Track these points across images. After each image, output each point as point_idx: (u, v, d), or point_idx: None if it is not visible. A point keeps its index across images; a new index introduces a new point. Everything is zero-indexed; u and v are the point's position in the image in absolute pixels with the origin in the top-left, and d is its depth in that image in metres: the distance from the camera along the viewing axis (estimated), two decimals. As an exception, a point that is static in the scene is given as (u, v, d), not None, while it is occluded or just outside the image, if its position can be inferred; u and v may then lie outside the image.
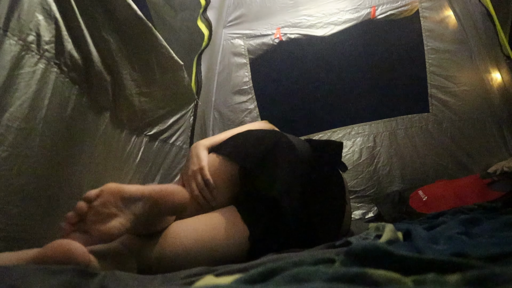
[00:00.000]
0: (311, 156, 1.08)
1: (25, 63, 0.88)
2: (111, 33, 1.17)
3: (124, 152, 1.41)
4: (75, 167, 1.11)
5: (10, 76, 0.84)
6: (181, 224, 0.92)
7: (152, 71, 1.43)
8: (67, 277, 0.54)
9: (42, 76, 0.93)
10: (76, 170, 1.11)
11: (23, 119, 0.88)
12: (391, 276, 0.39)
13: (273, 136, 1.06)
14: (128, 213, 0.72)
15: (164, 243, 0.86)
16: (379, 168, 2.43)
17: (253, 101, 2.60)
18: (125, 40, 1.23)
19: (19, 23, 0.85)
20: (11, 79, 0.84)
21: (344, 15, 2.47)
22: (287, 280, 0.42)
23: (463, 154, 2.33)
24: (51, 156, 0.99)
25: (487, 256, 0.50)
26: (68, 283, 0.52)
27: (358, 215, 2.36)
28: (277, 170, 0.99)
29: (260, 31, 2.58)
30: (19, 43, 0.85)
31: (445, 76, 2.35)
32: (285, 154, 1.02)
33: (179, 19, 1.93)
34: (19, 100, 0.86)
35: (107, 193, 0.71)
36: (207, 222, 0.94)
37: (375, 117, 2.51)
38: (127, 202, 0.73)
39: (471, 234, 0.88)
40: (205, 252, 0.89)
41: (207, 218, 0.96)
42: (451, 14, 2.28)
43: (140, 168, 1.53)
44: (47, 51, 0.94)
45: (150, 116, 1.52)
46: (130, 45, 1.26)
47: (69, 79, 1.03)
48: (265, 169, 1.00)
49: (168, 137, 1.73)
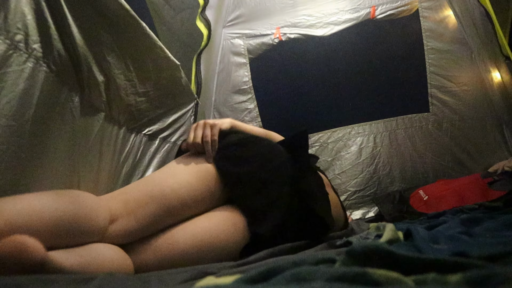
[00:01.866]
0: (287, 160, 1.08)
1: (13, 62, 0.87)
2: (103, 32, 1.16)
3: (123, 151, 1.41)
4: (67, 166, 1.10)
5: (-3, 75, 0.84)
6: (180, 229, 0.91)
7: (147, 70, 1.42)
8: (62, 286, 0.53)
9: (30, 75, 0.92)
10: (68, 170, 1.11)
11: (10, 117, 0.88)
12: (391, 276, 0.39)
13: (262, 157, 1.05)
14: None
15: (162, 249, 0.87)
16: (379, 168, 2.43)
17: (253, 100, 2.61)
18: (118, 39, 1.23)
19: (6, 22, 0.85)
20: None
21: (343, 15, 2.47)
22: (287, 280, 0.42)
23: (463, 154, 2.34)
24: (41, 154, 0.99)
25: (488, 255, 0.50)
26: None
27: (358, 215, 2.37)
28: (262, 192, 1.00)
29: (259, 31, 2.59)
30: (6, 42, 0.85)
31: (445, 76, 2.35)
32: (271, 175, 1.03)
33: (179, 19, 1.93)
34: (6, 97, 0.86)
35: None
36: (205, 225, 0.93)
37: (375, 117, 2.52)
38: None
39: (471, 233, 0.87)
40: (203, 255, 0.89)
41: (206, 221, 0.95)
42: (451, 13, 2.28)
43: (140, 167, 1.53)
44: (36, 50, 0.94)
45: (147, 115, 1.51)
46: (124, 45, 1.26)
47: (58, 78, 1.03)
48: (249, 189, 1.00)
49: (168, 136, 1.73)
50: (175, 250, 0.88)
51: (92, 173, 1.24)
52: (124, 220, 0.83)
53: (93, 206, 0.78)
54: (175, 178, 0.95)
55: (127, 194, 0.88)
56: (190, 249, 0.88)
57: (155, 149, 1.63)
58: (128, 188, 0.93)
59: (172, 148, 1.76)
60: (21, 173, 0.93)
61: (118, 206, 0.84)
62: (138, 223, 0.85)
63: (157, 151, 1.65)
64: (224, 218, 0.96)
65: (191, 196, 0.94)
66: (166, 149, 1.71)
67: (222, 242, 0.92)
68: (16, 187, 0.91)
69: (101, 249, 0.77)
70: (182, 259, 0.87)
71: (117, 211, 0.83)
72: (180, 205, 0.92)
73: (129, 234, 0.85)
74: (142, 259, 0.85)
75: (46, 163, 1.02)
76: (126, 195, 0.88)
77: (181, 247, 0.88)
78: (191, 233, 0.91)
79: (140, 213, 0.85)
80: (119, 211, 0.83)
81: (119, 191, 0.91)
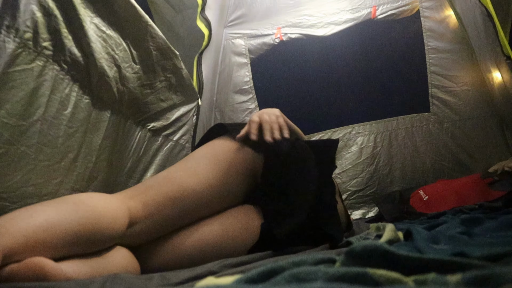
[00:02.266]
0: (316, 166, 1.06)
1: (22, 61, 0.87)
2: (112, 27, 1.16)
3: (128, 145, 1.42)
4: (77, 163, 1.11)
5: (6, 73, 0.83)
6: (188, 233, 0.90)
7: (151, 62, 1.43)
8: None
9: (40, 73, 0.92)
10: (78, 167, 1.11)
11: (20, 116, 0.87)
12: (392, 276, 0.39)
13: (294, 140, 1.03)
14: None
15: (169, 253, 0.87)
16: (379, 168, 2.43)
17: (254, 100, 2.61)
18: (125, 33, 1.23)
19: (15, 20, 0.85)
20: (6, 76, 0.84)
21: (344, 15, 2.47)
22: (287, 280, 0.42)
23: (463, 154, 2.33)
24: (51, 153, 0.99)
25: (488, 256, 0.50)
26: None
27: (358, 215, 2.37)
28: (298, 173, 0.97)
29: (260, 31, 2.59)
30: (15, 41, 0.85)
31: (446, 75, 2.35)
32: (305, 158, 1.00)
33: (180, 19, 1.93)
34: (16, 97, 0.86)
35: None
36: (214, 229, 0.91)
37: (376, 117, 2.51)
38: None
39: (472, 234, 0.87)
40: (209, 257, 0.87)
41: (216, 224, 0.93)
42: (451, 13, 2.28)
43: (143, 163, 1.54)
44: (46, 48, 0.93)
45: (153, 109, 1.52)
46: (129, 37, 1.26)
47: (69, 76, 1.03)
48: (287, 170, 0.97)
49: (171, 134, 1.74)
50: (181, 254, 0.87)
51: (102, 169, 1.24)
52: (142, 223, 0.82)
53: (113, 213, 0.76)
54: (196, 178, 0.91)
55: (146, 195, 0.85)
56: (197, 254, 0.88)
57: (158, 146, 1.64)
58: (148, 187, 0.89)
59: (174, 147, 1.77)
60: (31, 172, 0.93)
61: (138, 208, 0.82)
62: (155, 226, 0.84)
63: (160, 149, 1.66)
64: (236, 222, 0.94)
65: (210, 197, 0.92)
66: (169, 148, 1.72)
67: (230, 248, 0.91)
68: (25, 187, 0.92)
69: (112, 257, 0.76)
70: (188, 262, 0.86)
71: (136, 214, 0.81)
72: (197, 208, 0.91)
73: (145, 236, 0.85)
74: (149, 261, 0.86)
75: (57, 161, 1.02)
76: (146, 196, 0.85)
77: (188, 251, 0.88)
78: (198, 237, 0.90)
79: (159, 216, 0.84)
80: (138, 214, 0.82)
81: (137, 190, 0.88)
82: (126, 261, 0.79)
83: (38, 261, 0.60)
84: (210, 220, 0.94)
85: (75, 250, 0.69)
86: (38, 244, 0.62)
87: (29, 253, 0.61)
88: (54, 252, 0.64)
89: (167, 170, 0.96)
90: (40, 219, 0.65)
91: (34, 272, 0.59)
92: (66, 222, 0.67)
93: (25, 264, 0.59)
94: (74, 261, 0.68)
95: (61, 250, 0.65)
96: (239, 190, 0.99)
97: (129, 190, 0.88)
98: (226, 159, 0.97)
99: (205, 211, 0.94)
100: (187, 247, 0.88)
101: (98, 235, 0.72)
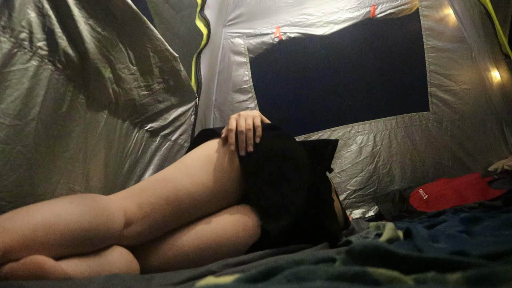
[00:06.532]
0: (308, 159, 1.06)
1: (17, 60, 0.87)
2: (107, 27, 1.16)
3: (126, 146, 1.41)
4: (73, 164, 1.10)
5: (1, 73, 0.83)
6: (186, 232, 0.91)
7: (149, 64, 1.43)
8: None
9: (35, 73, 0.92)
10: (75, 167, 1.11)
11: (15, 116, 0.88)
12: (391, 275, 0.39)
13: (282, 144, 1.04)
14: None
15: (167, 252, 0.87)
16: (379, 167, 2.43)
17: (253, 100, 2.61)
18: (121, 33, 1.23)
19: (10, 20, 0.85)
20: (2, 76, 0.84)
21: (344, 14, 2.47)
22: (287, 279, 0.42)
23: (463, 153, 2.34)
24: (46, 153, 0.99)
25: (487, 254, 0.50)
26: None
27: (358, 214, 2.37)
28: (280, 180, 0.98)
29: (260, 30, 2.58)
30: (10, 40, 0.85)
31: (445, 74, 2.35)
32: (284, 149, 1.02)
33: (179, 19, 1.93)
34: (11, 97, 0.86)
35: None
36: (212, 229, 0.92)
37: (375, 116, 2.51)
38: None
39: (471, 232, 0.88)
40: (208, 256, 0.88)
41: (214, 223, 0.93)
42: (451, 12, 2.28)
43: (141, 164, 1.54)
44: (40, 48, 0.93)
45: (150, 110, 1.52)
46: (126, 38, 1.26)
47: (64, 76, 1.02)
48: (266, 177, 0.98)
49: (169, 133, 1.73)
50: (180, 253, 0.88)
51: (99, 169, 1.24)
52: (138, 224, 0.83)
53: (109, 213, 0.77)
54: (191, 179, 0.93)
55: (141, 196, 0.86)
56: (195, 253, 0.88)
57: (156, 146, 1.64)
58: (142, 188, 0.90)
59: (172, 147, 1.76)
60: (27, 172, 0.93)
61: (133, 209, 0.83)
62: (151, 227, 0.85)
63: (158, 149, 1.66)
64: (234, 220, 0.94)
65: (206, 198, 0.93)
66: (167, 147, 1.72)
67: (228, 247, 0.91)
68: (21, 187, 0.91)
69: (111, 256, 0.77)
70: (187, 262, 0.87)
71: (132, 215, 0.82)
72: (193, 208, 0.92)
73: (141, 237, 0.85)
74: (148, 261, 0.86)
75: (53, 161, 1.02)
76: (140, 198, 0.86)
77: (186, 251, 0.88)
78: (196, 236, 0.90)
79: (154, 217, 0.85)
80: (134, 215, 0.83)
81: (132, 191, 0.89)
82: (126, 260, 0.79)
83: (37, 259, 0.60)
84: (208, 219, 0.94)
85: (72, 250, 0.69)
86: (36, 243, 0.62)
87: (27, 251, 0.61)
88: (51, 251, 0.65)
89: (162, 172, 0.97)
90: (38, 218, 0.65)
91: (33, 270, 0.59)
92: (64, 222, 0.67)
93: (24, 262, 0.60)
94: (73, 260, 0.68)
95: (58, 249, 0.66)
96: (235, 189, 0.99)
97: (124, 192, 0.89)
98: (219, 159, 0.98)
99: (201, 211, 0.94)
100: (186, 246, 0.88)
101: (95, 235, 0.72)
